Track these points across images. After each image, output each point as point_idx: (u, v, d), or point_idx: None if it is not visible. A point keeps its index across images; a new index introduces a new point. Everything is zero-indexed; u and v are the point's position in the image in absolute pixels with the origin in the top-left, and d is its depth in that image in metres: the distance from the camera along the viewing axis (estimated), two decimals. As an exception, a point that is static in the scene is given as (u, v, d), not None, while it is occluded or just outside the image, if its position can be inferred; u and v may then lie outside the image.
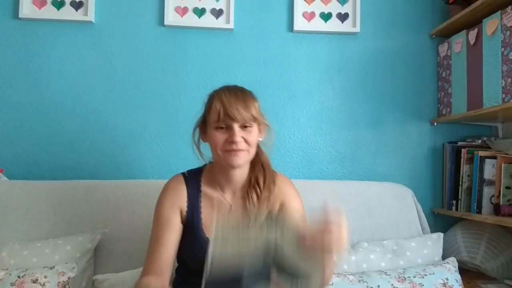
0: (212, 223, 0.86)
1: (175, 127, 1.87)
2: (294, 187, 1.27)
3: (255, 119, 1.15)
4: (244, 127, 1.14)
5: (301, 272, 0.84)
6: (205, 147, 1.23)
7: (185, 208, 1.19)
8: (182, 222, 1.19)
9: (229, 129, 1.13)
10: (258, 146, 1.22)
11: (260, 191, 1.19)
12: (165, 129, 1.88)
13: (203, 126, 1.21)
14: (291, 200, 1.23)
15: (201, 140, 1.23)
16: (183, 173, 1.24)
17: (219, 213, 1.16)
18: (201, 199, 1.20)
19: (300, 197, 1.26)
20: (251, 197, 1.18)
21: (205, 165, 1.27)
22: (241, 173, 1.20)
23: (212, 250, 0.81)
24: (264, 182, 1.20)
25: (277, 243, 0.84)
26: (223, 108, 1.11)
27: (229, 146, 1.13)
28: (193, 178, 1.23)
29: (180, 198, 1.19)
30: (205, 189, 1.22)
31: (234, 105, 1.12)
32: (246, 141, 1.14)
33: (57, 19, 1.86)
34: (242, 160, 1.15)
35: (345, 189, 1.73)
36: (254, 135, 1.16)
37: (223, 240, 0.83)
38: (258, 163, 1.23)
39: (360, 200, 1.71)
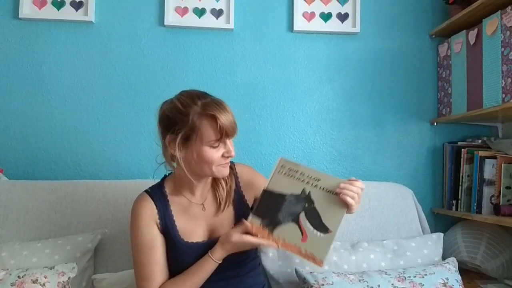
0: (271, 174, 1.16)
1: (175, 127, 1.87)
2: (252, 168, 1.34)
3: None
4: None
5: (323, 226, 1.09)
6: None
7: (158, 220, 1.20)
8: (160, 232, 1.20)
9: (222, 143, 1.14)
10: None
11: (226, 182, 1.25)
12: (165, 129, 1.88)
13: (184, 141, 1.13)
14: (258, 178, 1.31)
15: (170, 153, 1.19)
16: (145, 190, 1.24)
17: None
18: (171, 208, 1.22)
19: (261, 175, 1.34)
20: (219, 191, 1.24)
21: (164, 177, 1.28)
22: None
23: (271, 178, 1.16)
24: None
25: (310, 195, 1.13)
26: (224, 128, 1.10)
27: (225, 161, 1.15)
28: (157, 191, 1.23)
29: (152, 213, 1.20)
30: (172, 198, 1.23)
31: (230, 122, 1.12)
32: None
33: (57, 19, 1.86)
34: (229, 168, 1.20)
35: (345, 189, 1.73)
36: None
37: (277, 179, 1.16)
38: None
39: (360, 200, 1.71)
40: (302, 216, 1.11)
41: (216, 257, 1.14)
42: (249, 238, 1.10)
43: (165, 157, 1.21)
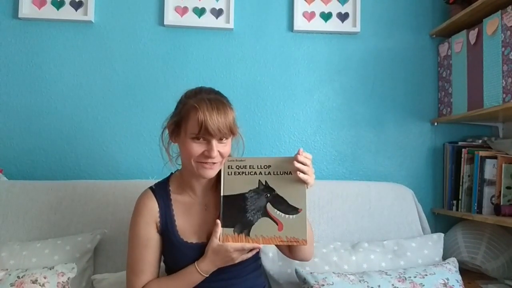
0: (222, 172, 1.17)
1: (175, 127, 1.87)
2: None
3: (232, 133, 1.16)
4: (220, 139, 1.14)
5: (292, 208, 1.12)
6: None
7: (158, 219, 1.20)
8: (158, 232, 1.21)
9: (206, 141, 1.13)
10: None
11: None
12: (165, 129, 1.88)
13: (176, 128, 1.18)
14: None
15: (170, 141, 1.23)
16: (150, 187, 1.24)
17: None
18: (173, 207, 1.22)
19: None
20: (219, 191, 1.22)
21: (171, 174, 1.29)
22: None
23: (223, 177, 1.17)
24: None
25: (268, 184, 1.14)
26: (204, 124, 1.09)
27: (205, 160, 1.13)
28: (161, 189, 1.24)
29: (153, 212, 1.20)
30: (175, 196, 1.23)
31: (216, 122, 1.10)
32: (221, 154, 1.15)
33: (57, 19, 1.86)
34: (215, 172, 1.17)
35: (345, 189, 1.72)
36: (228, 146, 1.17)
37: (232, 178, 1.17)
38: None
39: (360, 200, 1.71)
40: (269, 207, 1.13)
41: (202, 268, 1.14)
42: (227, 244, 1.12)
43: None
